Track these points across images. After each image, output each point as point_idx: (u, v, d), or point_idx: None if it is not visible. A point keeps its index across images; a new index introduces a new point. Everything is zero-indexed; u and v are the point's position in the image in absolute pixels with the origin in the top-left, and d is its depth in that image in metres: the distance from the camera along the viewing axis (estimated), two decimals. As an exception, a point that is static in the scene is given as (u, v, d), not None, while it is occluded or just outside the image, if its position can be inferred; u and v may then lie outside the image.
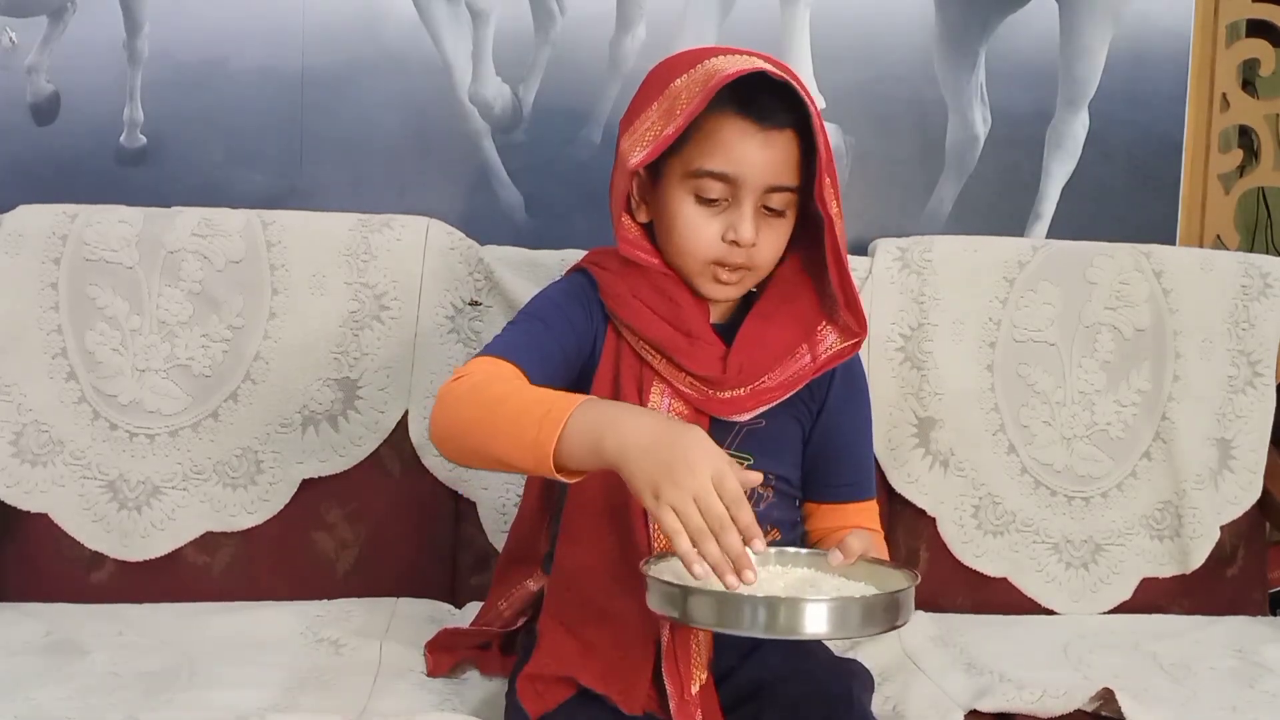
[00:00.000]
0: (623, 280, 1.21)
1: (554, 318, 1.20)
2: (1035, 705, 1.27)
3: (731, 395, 1.18)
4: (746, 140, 1.13)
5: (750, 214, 1.15)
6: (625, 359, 1.20)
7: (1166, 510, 1.69)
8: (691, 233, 1.16)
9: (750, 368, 1.18)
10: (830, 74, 1.79)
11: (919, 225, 1.82)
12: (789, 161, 1.15)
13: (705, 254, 1.17)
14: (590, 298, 1.22)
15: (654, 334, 1.18)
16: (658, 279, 1.20)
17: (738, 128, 1.13)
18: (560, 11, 1.76)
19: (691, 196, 1.16)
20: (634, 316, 1.19)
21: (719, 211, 1.16)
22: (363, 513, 1.58)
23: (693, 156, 1.15)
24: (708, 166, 1.14)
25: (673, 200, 1.17)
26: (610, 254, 1.24)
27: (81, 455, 1.53)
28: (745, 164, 1.13)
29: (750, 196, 1.14)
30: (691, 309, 1.20)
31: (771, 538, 1.22)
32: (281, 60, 1.71)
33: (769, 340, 1.20)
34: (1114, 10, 1.84)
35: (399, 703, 1.24)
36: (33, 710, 1.19)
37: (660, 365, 1.19)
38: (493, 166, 1.76)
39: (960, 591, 1.65)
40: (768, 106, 1.13)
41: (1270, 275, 1.73)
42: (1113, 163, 1.87)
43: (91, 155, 1.70)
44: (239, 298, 1.55)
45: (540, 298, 1.24)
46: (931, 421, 1.63)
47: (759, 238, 1.16)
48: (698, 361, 1.17)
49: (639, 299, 1.20)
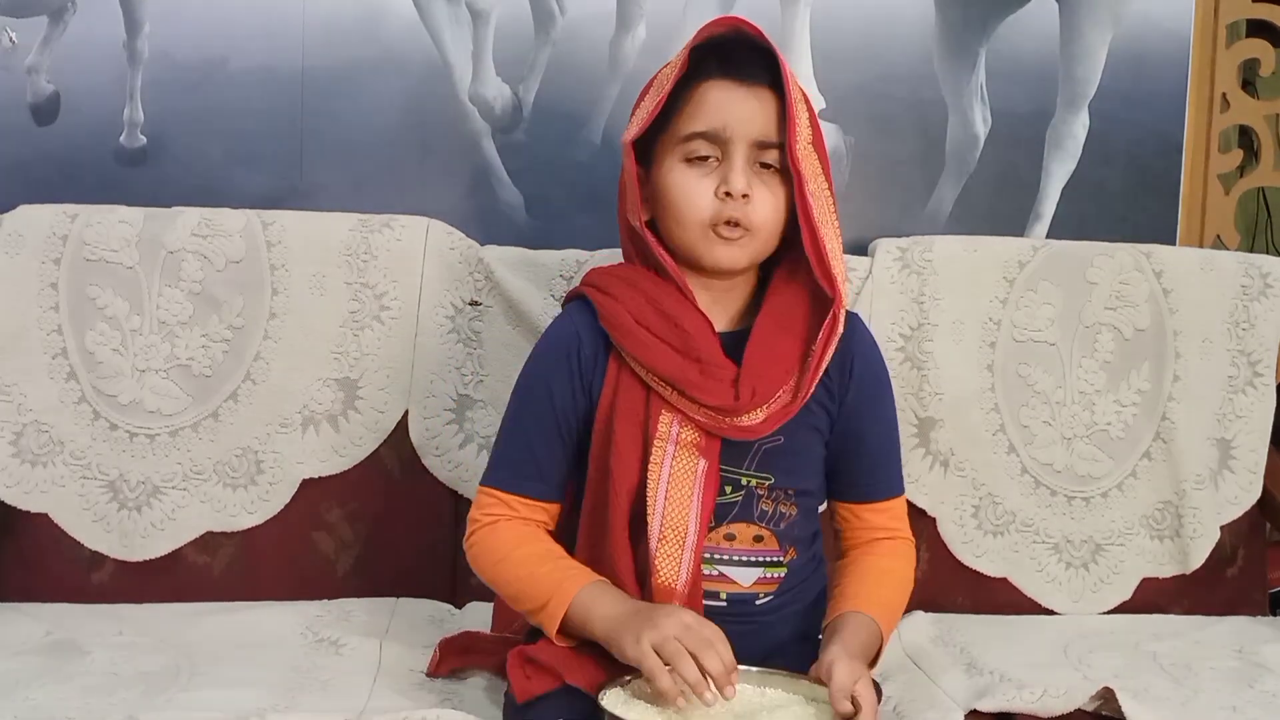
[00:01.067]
0: (624, 305, 1.19)
1: (542, 407, 1.21)
2: (1035, 705, 1.27)
3: (749, 421, 1.17)
4: (729, 95, 1.16)
5: (741, 166, 1.16)
6: (624, 390, 1.19)
7: (1166, 510, 1.69)
8: (685, 195, 1.17)
9: (763, 389, 1.16)
10: (830, 74, 1.79)
11: (919, 225, 1.82)
12: (775, 116, 1.16)
13: (701, 214, 1.17)
14: (582, 339, 1.21)
15: (664, 368, 1.16)
16: (659, 297, 1.19)
17: (719, 87, 1.17)
18: (560, 11, 1.76)
19: (683, 162, 1.17)
20: (641, 349, 1.17)
21: (710, 170, 1.17)
22: (363, 513, 1.58)
23: (681, 125, 1.17)
24: (694, 128, 1.17)
25: (667, 174, 1.18)
26: (609, 274, 1.24)
27: (81, 455, 1.53)
28: (730, 118, 1.16)
29: (739, 150, 1.16)
30: (697, 328, 1.18)
31: (789, 556, 1.23)
32: (281, 60, 1.71)
33: (779, 353, 1.18)
34: (1114, 10, 1.84)
35: (399, 703, 1.24)
36: (33, 710, 1.19)
37: (671, 396, 1.17)
38: (493, 166, 1.76)
39: (960, 591, 1.65)
40: (748, 64, 1.16)
41: (1270, 275, 1.73)
42: (1113, 163, 1.87)
43: (91, 155, 1.70)
44: (239, 298, 1.55)
45: (528, 374, 1.24)
46: (931, 421, 1.63)
47: (753, 194, 1.16)
48: (710, 393, 1.16)
49: (644, 326, 1.18)
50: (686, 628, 1.06)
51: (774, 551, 1.23)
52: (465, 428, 1.59)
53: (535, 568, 1.18)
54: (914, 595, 1.60)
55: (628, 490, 1.17)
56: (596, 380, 1.20)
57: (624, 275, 1.23)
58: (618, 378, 1.19)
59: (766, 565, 1.23)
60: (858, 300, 1.64)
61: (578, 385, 1.21)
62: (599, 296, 1.21)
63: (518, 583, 1.19)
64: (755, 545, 1.22)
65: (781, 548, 1.23)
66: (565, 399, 1.21)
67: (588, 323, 1.21)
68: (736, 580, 1.21)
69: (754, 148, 1.16)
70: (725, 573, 1.21)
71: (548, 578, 1.16)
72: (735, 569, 1.21)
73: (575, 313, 1.24)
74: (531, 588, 1.17)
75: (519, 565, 1.19)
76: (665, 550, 1.15)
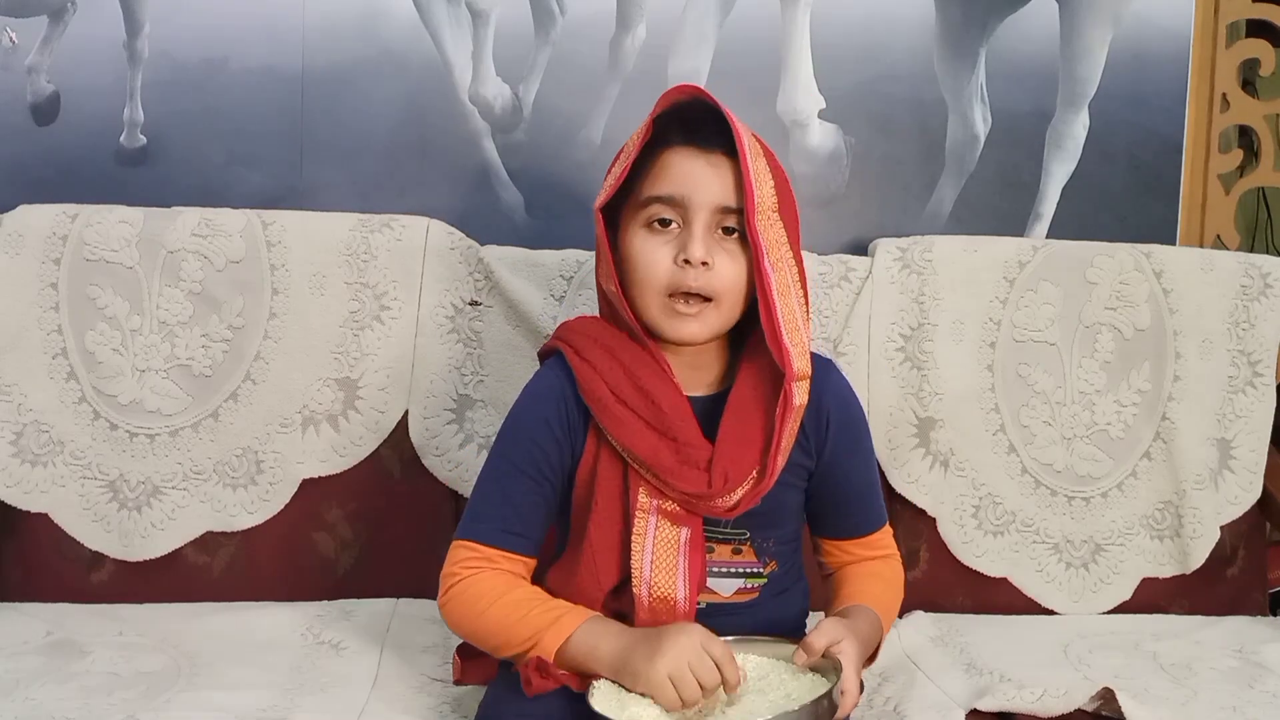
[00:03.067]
0: (602, 376, 1.18)
1: (530, 456, 1.19)
2: (1035, 705, 1.27)
3: (723, 504, 1.17)
4: (690, 163, 1.15)
5: (701, 234, 1.14)
6: (605, 461, 1.18)
7: (1166, 510, 1.69)
8: (645, 261, 1.16)
9: (735, 473, 1.16)
10: (830, 74, 1.79)
11: (919, 225, 1.82)
12: (735, 184, 1.15)
13: (660, 280, 1.15)
14: (567, 397, 1.20)
15: (640, 449, 1.15)
16: (635, 366, 1.18)
17: (681, 154, 1.16)
18: (560, 11, 1.76)
19: (645, 228, 1.17)
20: (619, 427, 1.16)
21: (672, 237, 1.16)
22: (363, 513, 1.58)
23: (643, 190, 1.17)
24: (655, 193, 1.16)
25: (631, 240, 1.17)
26: (585, 335, 1.21)
27: (82, 455, 1.53)
28: (690, 184, 1.15)
29: (700, 216, 1.15)
30: (672, 405, 1.17)
31: (770, 568, 1.24)
32: (281, 60, 1.71)
33: (749, 433, 1.17)
34: (1114, 10, 1.84)
35: (398, 704, 1.25)
36: (33, 710, 1.19)
37: (648, 475, 1.17)
38: (493, 166, 1.76)
39: (960, 591, 1.65)
40: (709, 131, 1.15)
41: (1270, 275, 1.73)
42: (1113, 163, 1.87)
43: (91, 155, 1.70)
44: (239, 298, 1.55)
45: (514, 423, 1.22)
46: (931, 421, 1.63)
47: (714, 261, 1.15)
48: (684, 479, 1.15)
49: (620, 400, 1.17)
50: (699, 657, 1.05)
51: (753, 563, 1.23)
52: (465, 428, 1.59)
53: (528, 609, 1.14)
54: (914, 595, 1.61)
55: (608, 557, 1.17)
56: (579, 443, 1.20)
57: (599, 337, 1.21)
58: (598, 448, 1.19)
59: (747, 576, 1.23)
60: (858, 300, 1.64)
61: (563, 440, 1.20)
62: (577, 362, 1.19)
63: (509, 625, 1.14)
64: (734, 558, 1.23)
65: (760, 560, 1.24)
66: (551, 452, 1.19)
67: (571, 385, 1.20)
68: (717, 590, 1.22)
69: (716, 213, 1.15)
70: (706, 584, 1.21)
71: (543, 616, 1.13)
72: (716, 580, 1.22)
73: (559, 368, 1.22)
74: (524, 628, 1.13)
75: (511, 608, 1.14)
76: (654, 617, 1.15)
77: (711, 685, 1.05)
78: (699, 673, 1.05)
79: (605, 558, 1.17)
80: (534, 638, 1.12)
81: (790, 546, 1.27)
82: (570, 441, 1.20)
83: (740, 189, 1.14)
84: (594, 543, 1.17)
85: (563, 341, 1.22)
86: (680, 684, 1.04)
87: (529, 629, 1.13)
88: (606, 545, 1.17)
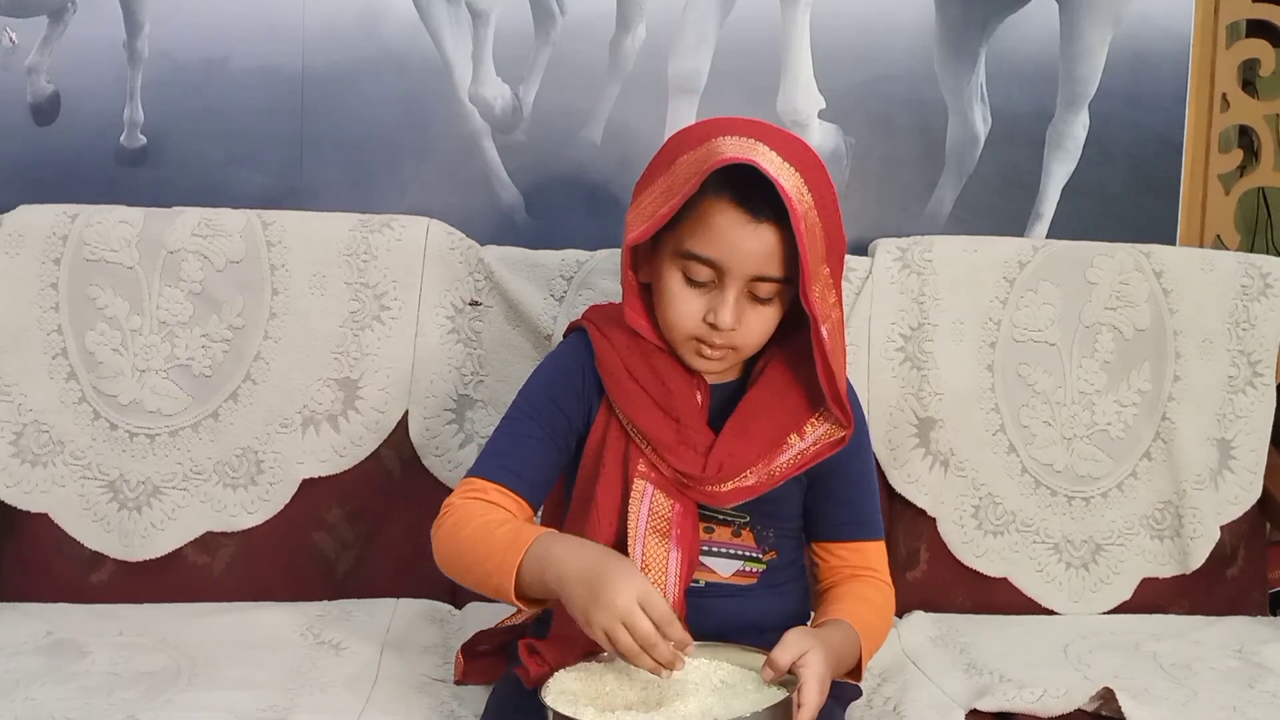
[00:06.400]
0: (619, 353, 1.21)
1: (546, 412, 1.22)
2: (1035, 705, 1.27)
3: (714, 490, 1.18)
4: (736, 229, 1.13)
5: (732, 300, 1.15)
6: (613, 433, 1.21)
7: (1166, 510, 1.69)
8: (676, 309, 1.17)
9: (731, 465, 1.18)
10: (830, 74, 1.79)
11: (919, 225, 1.82)
12: (779, 253, 1.14)
13: (687, 330, 1.17)
14: (586, 368, 1.23)
15: (643, 422, 1.19)
16: (653, 353, 1.21)
17: (729, 216, 1.13)
18: (560, 11, 1.76)
19: (680, 274, 1.16)
20: (626, 400, 1.20)
21: (705, 292, 1.16)
22: (363, 513, 1.58)
23: (684, 236, 1.15)
24: (696, 250, 1.14)
25: (665, 274, 1.18)
26: (610, 317, 1.25)
27: (81, 455, 1.53)
28: (732, 252, 1.13)
29: (735, 283, 1.14)
30: (683, 391, 1.20)
31: (769, 556, 1.24)
32: (281, 60, 1.72)
33: (754, 434, 1.19)
34: (1114, 10, 1.84)
35: (398, 704, 1.25)
36: (33, 710, 1.19)
37: (646, 450, 1.19)
38: (493, 166, 1.76)
39: (960, 591, 1.65)
40: (758, 197, 1.12)
41: (1270, 275, 1.73)
42: (1113, 163, 1.87)
43: (91, 155, 1.70)
44: (239, 298, 1.55)
45: (536, 380, 1.25)
46: (931, 421, 1.63)
47: (743, 321, 1.16)
48: (680, 458, 1.18)
49: (634, 378, 1.20)
50: (633, 614, 1.01)
51: (752, 548, 1.24)
52: (465, 428, 1.59)
53: (496, 529, 1.13)
54: (914, 595, 1.62)
55: (609, 520, 1.18)
56: (592, 412, 1.23)
57: (624, 322, 1.22)
58: (607, 422, 1.22)
59: (746, 559, 1.24)
60: (857, 300, 1.64)
61: (577, 404, 1.23)
62: (598, 337, 1.23)
63: (476, 546, 1.12)
64: (734, 540, 1.24)
65: (760, 547, 1.24)
66: (565, 409, 1.22)
67: (591, 357, 1.23)
68: (715, 570, 1.23)
69: (751, 281, 1.15)
70: (704, 562, 1.22)
71: (505, 536, 1.12)
72: (714, 559, 1.23)
73: (581, 342, 1.25)
74: (486, 547, 1.12)
75: (483, 530, 1.13)
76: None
77: (649, 645, 1.01)
78: (635, 632, 1.01)
79: (608, 519, 1.18)
80: (495, 556, 1.10)
81: (792, 541, 1.28)
82: (584, 407, 1.23)
83: (780, 256, 1.13)
84: (600, 504, 1.19)
85: (588, 320, 1.26)
86: (616, 641, 1.01)
87: (494, 547, 1.11)
88: (610, 507, 1.19)
